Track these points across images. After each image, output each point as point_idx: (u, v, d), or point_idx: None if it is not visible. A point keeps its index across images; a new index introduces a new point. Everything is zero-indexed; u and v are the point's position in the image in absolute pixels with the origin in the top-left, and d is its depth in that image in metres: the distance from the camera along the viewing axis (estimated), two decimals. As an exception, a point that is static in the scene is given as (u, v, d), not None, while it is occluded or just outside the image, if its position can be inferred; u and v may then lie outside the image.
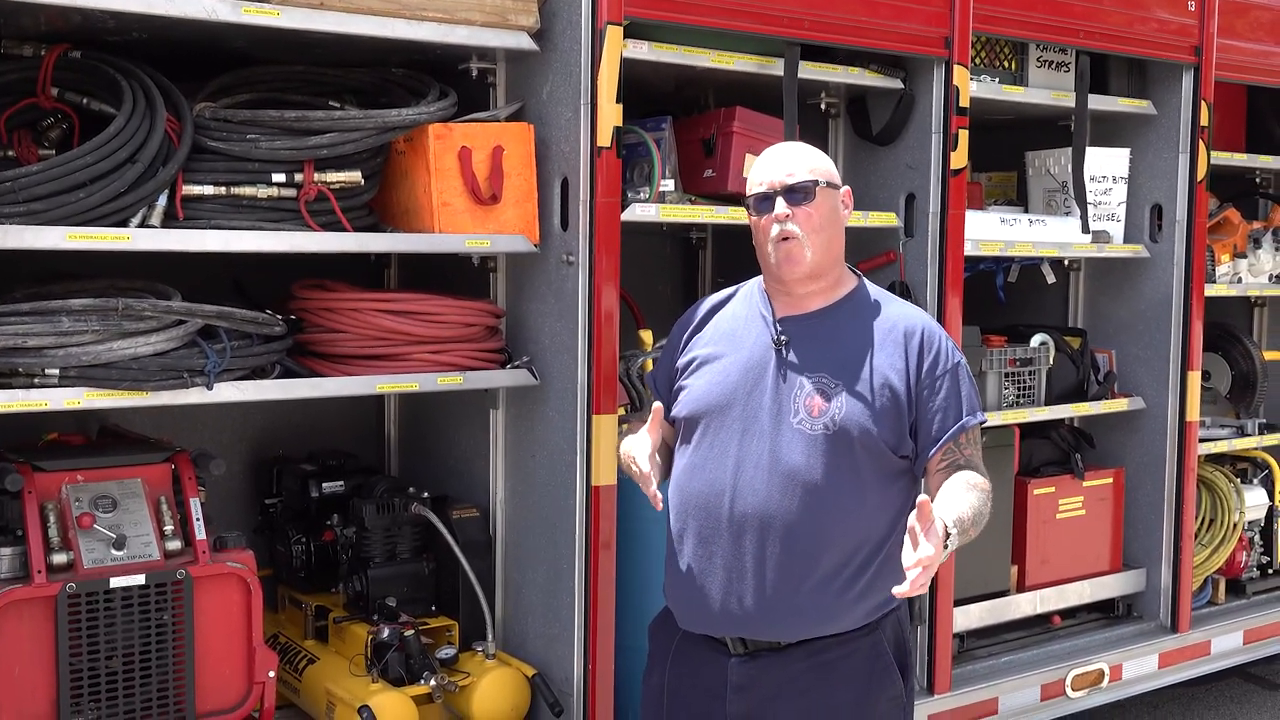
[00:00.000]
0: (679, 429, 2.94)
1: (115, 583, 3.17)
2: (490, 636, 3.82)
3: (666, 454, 3.00)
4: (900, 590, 2.49)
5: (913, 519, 2.49)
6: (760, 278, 3.00)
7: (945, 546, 2.53)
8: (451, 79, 3.79)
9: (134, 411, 3.58)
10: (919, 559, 2.45)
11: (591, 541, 3.67)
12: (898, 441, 2.80)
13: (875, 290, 2.97)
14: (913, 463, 2.83)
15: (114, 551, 3.20)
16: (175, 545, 3.31)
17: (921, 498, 2.52)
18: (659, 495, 2.79)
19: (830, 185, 2.87)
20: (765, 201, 2.85)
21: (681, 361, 2.98)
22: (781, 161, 2.88)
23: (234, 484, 4.33)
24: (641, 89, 4.28)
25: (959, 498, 2.70)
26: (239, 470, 4.38)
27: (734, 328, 2.94)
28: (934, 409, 2.80)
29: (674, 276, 5.34)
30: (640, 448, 2.81)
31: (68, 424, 3.74)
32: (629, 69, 3.69)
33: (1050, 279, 5.21)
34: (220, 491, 4.18)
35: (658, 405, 2.89)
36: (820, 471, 2.75)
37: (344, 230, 3.50)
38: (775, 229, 2.82)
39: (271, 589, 4.24)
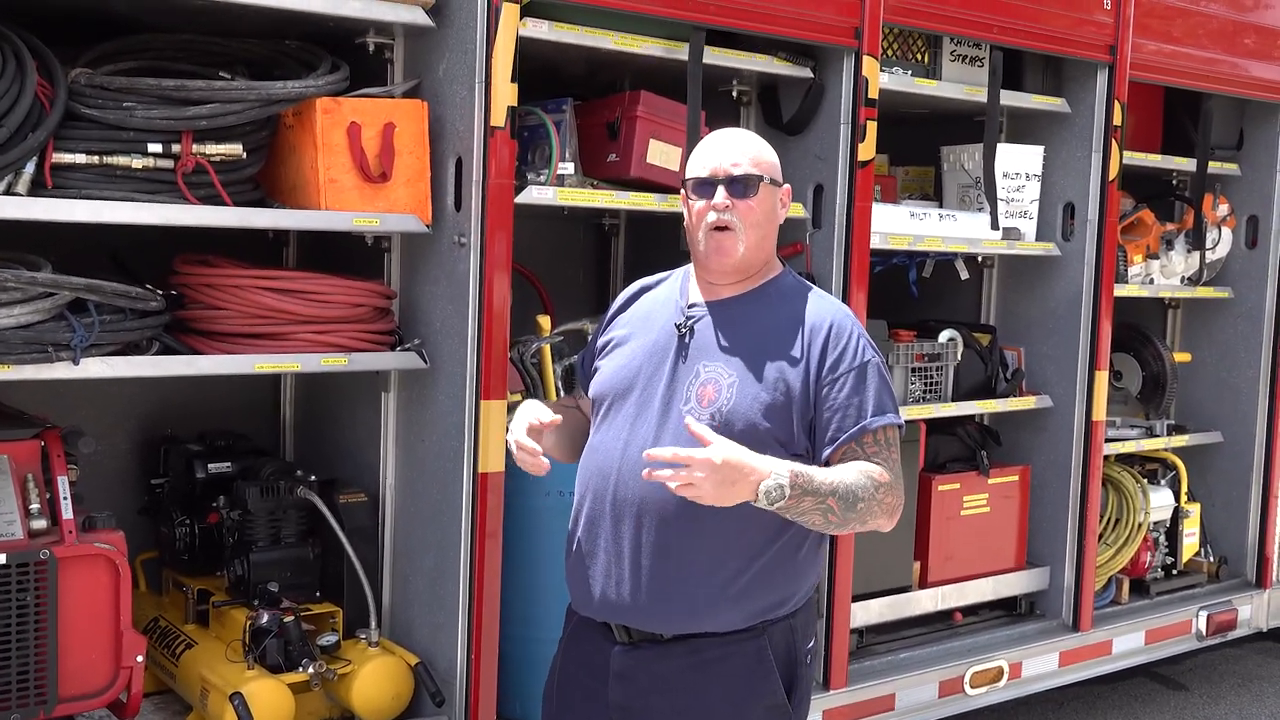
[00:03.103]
0: (594, 410, 2.89)
1: (-26, 562, 3.07)
2: (374, 624, 3.74)
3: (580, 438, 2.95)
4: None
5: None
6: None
7: (761, 490, 2.49)
8: (350, 54, 3.69)
9: (13, 387, 3.45)
10: (676, 452, 2.47)
11: (478, 529, 3.60)
12: (788, 437, 2.70)
13: (797, 282, 2.87)
14: (809, 462, 2.69)
15: (-26, 530, 3.10)
16: (41, 525, 3.21)
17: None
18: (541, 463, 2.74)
19: (773, 182, 2.79)
20: (706, 186, 2.75)
21: (601, 342, 2.94)
22: (730, 148, 2.78)
23: (121, 463, 4.23)
24: (552, 71, 4.22)
25: (831, 470, 2.63)
26: (127, 449, 4.27)
27: (650, 310, 2.89)
28: (834, 408, 2.69)
29: (588, 262, 5.27)
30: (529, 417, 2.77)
31: (-62, 398, 3.62)
32: (534, 49, 3.62)
33: (964, 275, 5.20)
34: (106, 471, 4.09)
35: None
36: None
37: (224, 205, 3.40)
38: (712, 216, 2.73)
39: (157, 571, 4.15)
